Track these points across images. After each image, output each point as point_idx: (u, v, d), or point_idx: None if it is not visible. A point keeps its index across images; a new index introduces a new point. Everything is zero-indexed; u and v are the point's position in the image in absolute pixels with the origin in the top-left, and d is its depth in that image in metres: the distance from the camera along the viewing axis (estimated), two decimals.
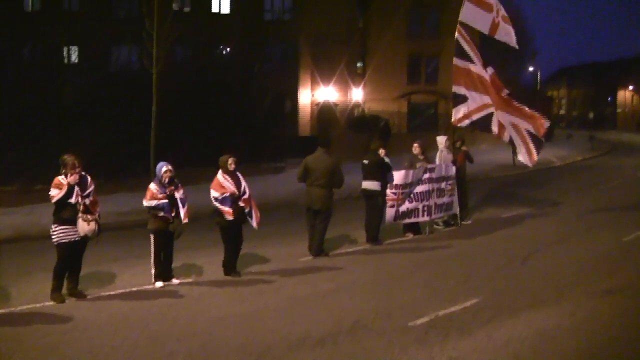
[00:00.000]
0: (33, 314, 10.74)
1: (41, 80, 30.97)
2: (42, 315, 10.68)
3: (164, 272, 12.59)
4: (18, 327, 9.95)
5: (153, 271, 12.41)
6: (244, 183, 13.26)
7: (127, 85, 31.63)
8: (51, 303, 11.31)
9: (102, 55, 41.36)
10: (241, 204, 13.11)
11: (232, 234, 13.24)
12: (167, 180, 12.34)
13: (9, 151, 23.62)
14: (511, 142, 19.20)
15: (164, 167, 12.42)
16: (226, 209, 12.97)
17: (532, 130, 18.99)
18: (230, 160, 13.17)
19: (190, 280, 12.97)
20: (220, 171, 13.21)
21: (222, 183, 13.06)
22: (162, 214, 12.26)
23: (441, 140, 18.89)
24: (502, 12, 19.03)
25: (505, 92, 19.21)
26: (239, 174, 13.29)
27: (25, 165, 23.56)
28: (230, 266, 13.31)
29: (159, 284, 12.35)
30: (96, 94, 29.03)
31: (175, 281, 12.65)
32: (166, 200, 12.23)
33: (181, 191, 12.57)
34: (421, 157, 17.82)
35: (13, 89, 27.71)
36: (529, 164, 19.68)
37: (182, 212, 12.45)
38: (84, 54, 40.92)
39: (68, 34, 36.39)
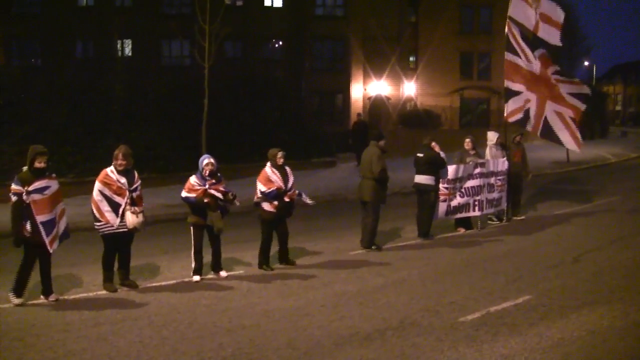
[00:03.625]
0: (85, 303, 10.88)
1: (93, 75, 31.40)
2: (94, 304, 10.81)
3: (213, 264, 12.67)
4: (69, 316, 10.09)
5: (193, 265, 12.47)
6: (292, 178, 13.30)
7: (179, 79, 31.93)
8: (103, 292, 11.49)
9: (153, 50, 41.81)
10: (286, 199, 13.12)
11: (274, 228, 13.30)
12: (207, 172, 12.31)
13: (62, 145, 23.95)
14: (546, 136, 19.27)
15: (205, 160, 12.42)
16: (274, 203, 13.01)
17: (573, 116, 19.06)
18: (279, 154, 13.18)
19: (239, 273, 13.01)
20: (268, 164, 13.22)
21: (270, 177, 13.05)
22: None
23: (492, 136, 18.69)
24: (541, 10, 18.93)
25: (552, 70, 19.11)
26: (287, 169, 13.33)
27: (78, 158, 23.89)
28: (287, 257, 13.60)
29: (196, 277, 12.38)
30: (148, 89, 29.33)
31: (223, 274, 12.69)
32: (193, 195, 12.22)
33: (223, 185, 12.53)
34: (472, 152, 17.70)
35: (67, 84, 28.11)
36: (577, 149, 20.17)
37: (235, 200, 12.59)
38: (137, 48, 41.41)
39: (120, 28, 36.81)
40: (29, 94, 25.93)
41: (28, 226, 10.53)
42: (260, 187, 13.08)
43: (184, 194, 12.34)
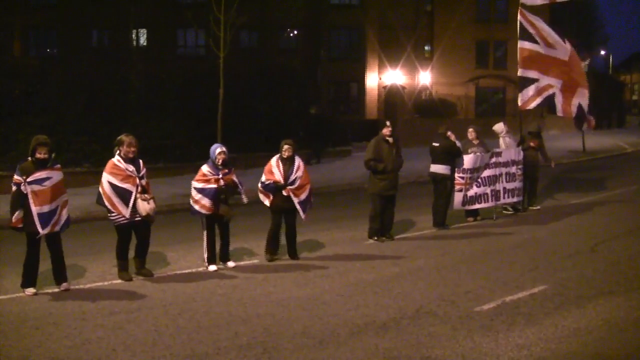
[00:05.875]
0: (100, 292, 10.94)
1: (109, 64, 31.46)
2: (110, 293, 10.88)
3: (221, 254, 12.64)
4: (85, 305, 10.13)
5: (205, 255, 12.45)
6: (297, 173, 12.97)
7: (194, 69, 31.95)
8: (119, 281, 11.53)
9: (169, 40, 41.83)
10: (285, 193, 12.85)
11: (280, 220, 13.13)
12: (220, 161, 12.29)
13: (79, 135, 24.06)
14: (579, 121, 19.28)
15: (218, 149, 12.38)
16: (268, 195, 12.94)
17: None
18: (285, 147, 12.97)
19: (254, 262, 13.02)
20: (276, 156, 13.09)
21: (272, 169, 12.93)
22: (204, 200, 12.25)
23: (498, 128, 18.53)
24: None
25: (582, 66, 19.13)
26: (297, 161, 13.08)
27: (94, 148, 23.97)
28: (292, 251, 13.36)
29: (212, 267, 12.37)
30: (164, 78, 29.37)
31: (230, 264, 12.63)
32: (214, 186, 12.17)
33: (234, 175, 12.51)
34: (476, 142, 17.43)
35: (83, 74, 28.20)
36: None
37: (242, 194, 12.56)
38: (152, 38, 41.42)
39: (136, 18, 36.87)
40: (45, 84, 26.03)
41: (16, 216, 10.58)
42: (262, 178, 13.01)
43: (198, 184, 12.25)
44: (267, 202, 13.07)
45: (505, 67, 50.89)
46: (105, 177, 11.49)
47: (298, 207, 13.06)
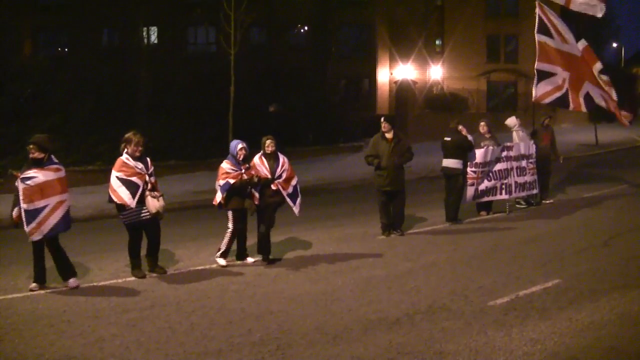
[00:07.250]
0: (114, 290, 10.96)
1: (119, 64, 31.50)
2: (123, 291, 10.89)
3: (239, 252, 12.67)
4: (99, 302, 10.15)
5: (223, 248, 12.41)
6: (282, 167, 12.79)
7: (204, 67, 31.98)
8: (132, 279, 11.56)
9: (179, 38, 41.83)
10: (273, 187, 12.66)
11: (262, 216, 12.86)
12: (241, 157, 12.32)
13: (88, 135, 24.12)
14: (592, 107, 19.07)
15: (239, 145, 12.40)
16: (254, 192, 12.74)
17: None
18: (267, 143, 12.86)
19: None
20: (259, 153, 12.93)
21: (257, 166, 12.74)
22: (222, 195, 12.22)
23: (511, 122, 18.45)
24: None
25: (597, 68, 18.88)
26: (281, 157, 12.91)
27: (104, 148, 24.02)
28: (265, 249, 13.00)
29: (222, 261, 12.38)
30: (174, 77, 29.39)
31: (250, 260, 12.68)
32: (233, 181, 12.12)
33: (252, 172, 12.50)
34: (488, 135, 17.39)
35: (93, 74, 28.26)
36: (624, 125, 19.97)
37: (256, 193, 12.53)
38: (162, 36, 41.44)
39: (146, 16, 36.91)
40: (55, 85, 26.09)
41: (15, 212, 10.75)
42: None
43: (221, 182, 12.24)
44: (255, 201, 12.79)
45: (517, 61, 50.75)
46: (114, 174, 11.49)
47: (288, 199, 12.92)
